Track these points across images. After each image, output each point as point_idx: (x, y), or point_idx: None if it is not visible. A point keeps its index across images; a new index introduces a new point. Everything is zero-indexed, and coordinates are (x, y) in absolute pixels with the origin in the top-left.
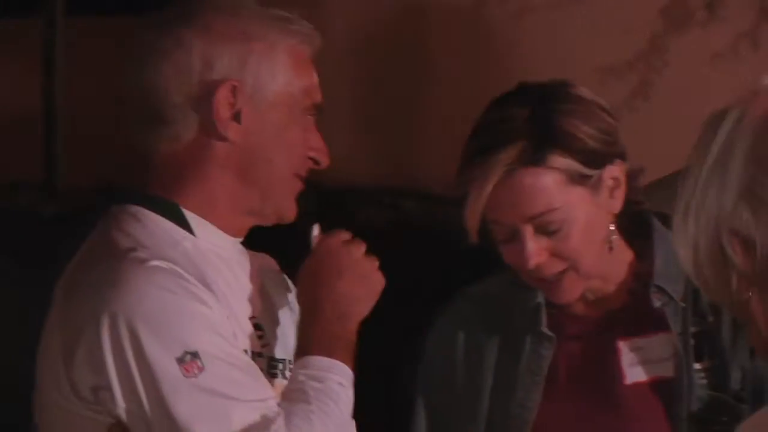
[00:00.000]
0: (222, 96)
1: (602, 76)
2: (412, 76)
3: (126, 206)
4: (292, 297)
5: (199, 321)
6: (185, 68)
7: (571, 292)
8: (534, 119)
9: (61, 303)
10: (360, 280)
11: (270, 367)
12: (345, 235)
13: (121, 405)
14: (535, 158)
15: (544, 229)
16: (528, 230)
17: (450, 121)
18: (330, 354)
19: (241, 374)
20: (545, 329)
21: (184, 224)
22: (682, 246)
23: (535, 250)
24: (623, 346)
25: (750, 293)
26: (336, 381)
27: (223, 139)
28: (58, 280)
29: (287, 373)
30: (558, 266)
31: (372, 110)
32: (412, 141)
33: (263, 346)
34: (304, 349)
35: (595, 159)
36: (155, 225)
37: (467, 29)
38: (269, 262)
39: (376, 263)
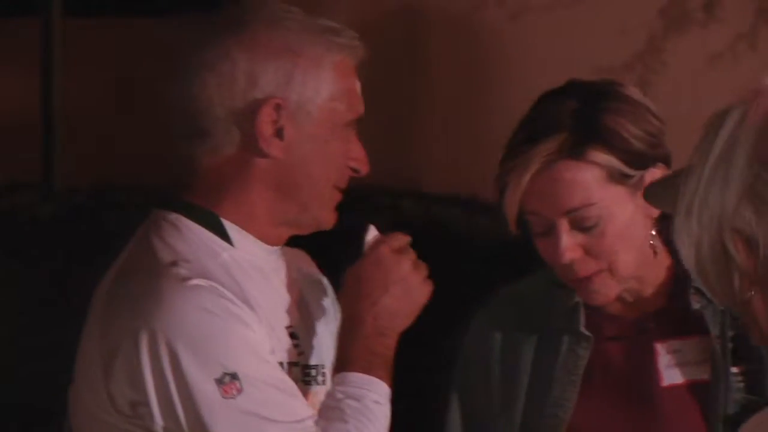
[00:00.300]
0: (265, 114)
1: (600, 76)
2: (410, 79)
3: (166, 213)
4: (327, 297)
5: (238, 342)
6: (229, 82)
7: (605, 294)
8: (579, 113)
9: (101, 313)
10: (405, 294)
11: (304, 375)
12: (398, 242)
13: (159, 422)
14: (575, 151)
15: (579, 225)
16: (563, 224)
17: (447, 123)
18: (368, 371)
19: (280, 395)
20: (583, 329)
21: (223, 234)
22: (684, 245)
23: (569, 245)
24: (660, 348)
25: (752, 292)
26: (373, 399)
27: (265, 155)
28: (98, 285)
29: (320, 378)
30: (591, 267)
31: (370, 112)
32: (410, 143)
33: (299, 354)
34: (342, 364)
35: (638, 160)
36: (194, 235)
37: (466, 31)
38: (304, 259)
39: (425, 273)
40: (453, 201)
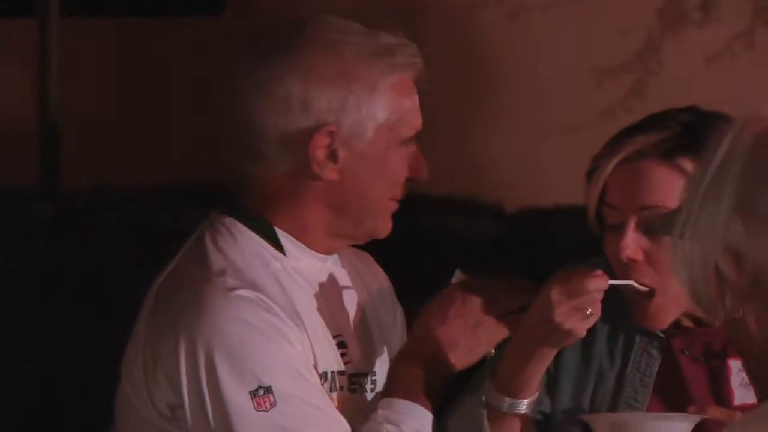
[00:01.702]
0: (319, 140)
1: (598, 76)
2: None
3: (223, 218)
4: (386, 302)
5: (276, 357)
6: (282, 107)
7: (659, 319)
8: (688, 124)
9: (149, 313)
10: (466, 330)
11: (351, 383)
12: (477, 282)
13: (191, 427)
14: (668, 153)
15: (650, 225)
16: (633, 221)
17: (445, 123)
18: (411, 397)
19: (313, 411)
20: (658, 332)
21: (276, 243)
22: (678, 266)
23: (631, 242)
24: (734, 366)
25: (744, 311)
26: (413, 426)
27: (319, 177)
28: (155, 279)
29: (368, 386)
30: (647, 277)
31: None
32: None
33: (346, 363)
34: (389, 388)
35: None
36: (248, 242)
37: (464, 30)
38: (366, 261)
39: (495, 315)
40: (452, 202)
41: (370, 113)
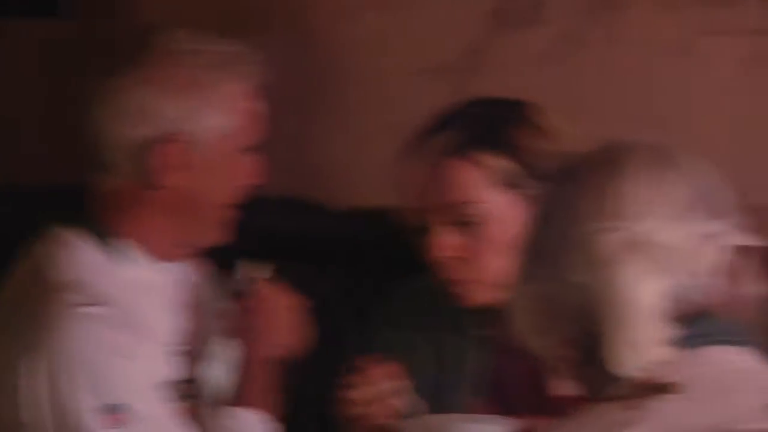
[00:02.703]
0: (159, 149)
1: (424, 76)
2: None
3: (64, 230)
4: (217, 308)
5: (120, 375)
6: (124, 117)
7: (475, 297)
8: (478, 117)
9: None
10: (285, 327)
11: (187, 390)
12: (268, 273)
13: None
14: (461, 149)
15: (456, 222)
16: (441, 220)
17: (274, 123)
18: (251, 405)
19: (160, 428)
20: (482, 332)
21: (120, 253)
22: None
23: (442, 240)
24: None
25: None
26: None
27: (159, 187)
28: None
29: (202, 392)
30: (464, 272)
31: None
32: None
33: (183, 371)
34: (233, 396)
35: (530, 171)
36: (92, 254)
37: (299, 31)
38: (202, 269)
39: (295, 301)
40: (271, 201)
41: (214, 122)
